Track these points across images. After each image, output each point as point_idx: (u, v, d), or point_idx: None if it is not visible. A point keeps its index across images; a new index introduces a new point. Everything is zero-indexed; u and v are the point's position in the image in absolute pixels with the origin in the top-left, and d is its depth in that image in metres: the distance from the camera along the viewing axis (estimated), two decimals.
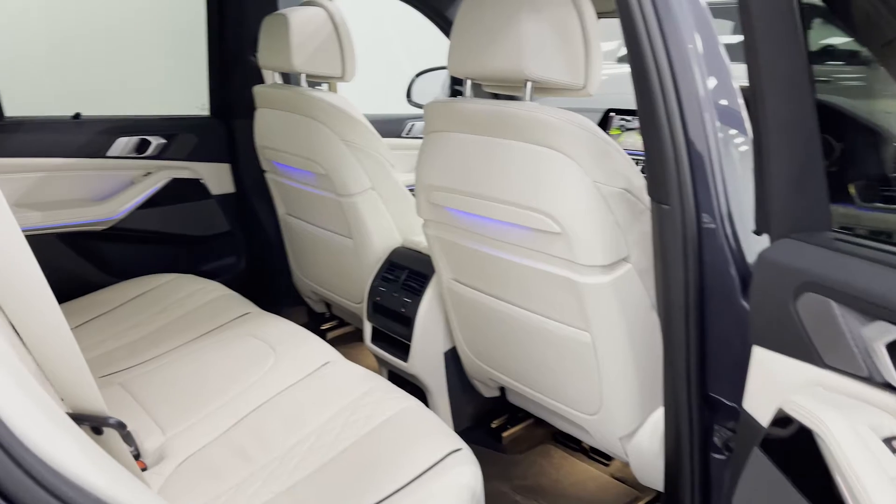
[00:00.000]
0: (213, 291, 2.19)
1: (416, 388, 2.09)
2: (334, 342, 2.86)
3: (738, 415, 1.23)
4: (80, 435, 0.77)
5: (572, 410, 1.67)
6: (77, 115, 2.33)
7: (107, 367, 1.84)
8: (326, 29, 2.13)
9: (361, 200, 2.11)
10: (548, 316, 1.57)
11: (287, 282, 2.69)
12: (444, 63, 3.16)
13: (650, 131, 1.22)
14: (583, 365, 1.55)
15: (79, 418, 0.85)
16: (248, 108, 2.37)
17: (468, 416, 2.10)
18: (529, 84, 1.43)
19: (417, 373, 2.01)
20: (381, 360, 2.16)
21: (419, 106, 3.14)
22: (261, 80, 2.50)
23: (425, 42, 3.26)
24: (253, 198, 2.64)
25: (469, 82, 1.58)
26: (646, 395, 1.53)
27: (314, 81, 2.32)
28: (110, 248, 2.41)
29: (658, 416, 1.54)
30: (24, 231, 2.18)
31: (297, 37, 2.08)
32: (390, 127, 3.03)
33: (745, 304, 1.21)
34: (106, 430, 0.91)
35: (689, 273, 1.25)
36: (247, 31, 2.41)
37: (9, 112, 2.23)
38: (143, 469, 1.43)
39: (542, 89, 1.48)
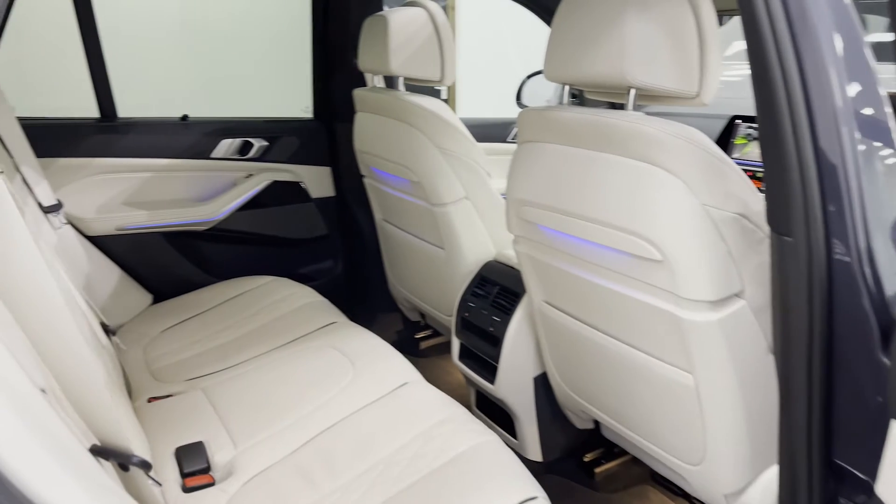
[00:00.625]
0: (304, 297, 2.17)
1: (503, 412, 1.97)
2: (428, 352, 2.79)
3: (870, 489, 1.02)
4: (91, 474, 0.71)
5: (671, 458, 1.49)
6: (185, 117, 2.37)
7: (195, 371, 1.85)
8: (427, 30, 2.04)
9: (454, 210, 2.01)
10: (646, 352, 1.40)
11: (383, 288, 2.64)
12: None
13: (771, 149, 1.03)
14: (685, 410, 1.37)
15: (105, 452, 0.80)
16: (350, 112, 2.33)
17: (559, 446, 1.95)
18: (633, 91, 1.27)
19: (504, 397, 1.88)
20: (469, 379, 2.05)
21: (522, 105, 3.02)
22: (363, 83, 2.46)
23: (541, 42, 3.11)
24: (352, 202, 2.60)
25: (566, 88, 1.44)
26: (757, 451, 1.33)
27: (414, 85, 2.24)
28: (211, 249, 2.45)
29: (771, 476, 1.34)
30: (130, 229, 2.25)
31: (395, 39, 2.00)
32: (494, 131, 2.91)
33: (885, 360, 1.00)
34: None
35: (815, 316, 1.05)
36: (350, 32, 2.37)
37: (122, 113, 2.30)
38: (211, 484, 1.40)
39: (650, 97, 1.31)
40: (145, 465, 0.80)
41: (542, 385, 1.89)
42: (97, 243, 2.23)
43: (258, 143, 2.45)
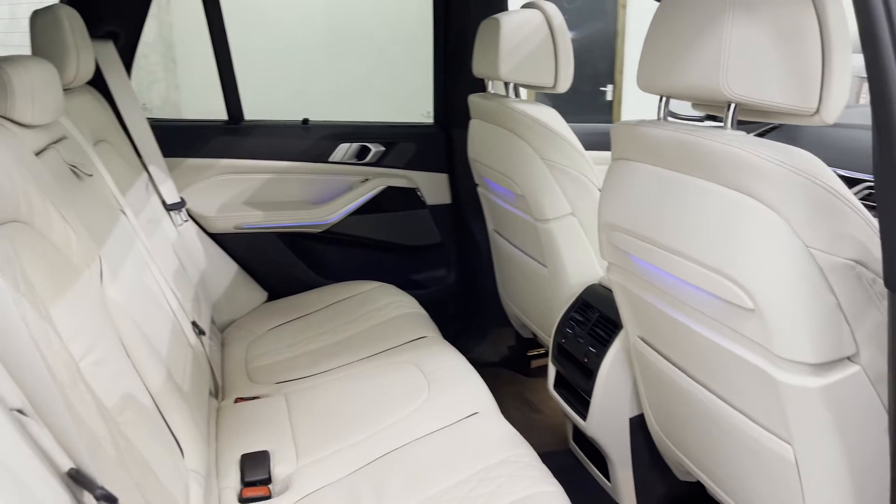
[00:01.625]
0: (404, 307, 2.12)
1: (599, 452, 1.80)
2: (539, 372, 2.65)
3: None
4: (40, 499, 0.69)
5: None
6: (306, 121, 2.42)
7: (285, 374, 1.86)
8: (541, 34, 1.91)
9: (558, 227, 1.86)
10: (740, 410, 1.19)
11: (496, 301, 2.54)
12: None
13: (889, 188, 0.81)
14: (783, 485, 1.15)
15: (80, 478, 0.77)
16: (468, 118, 2.26)
17: (657, 497, 1.74)
18: (733, 106, 1.08)
19: (596, 435, 1.71)
20: (563, 410, 1.90)
21: (675, 116, 2.76)
22: (484, 89, 2.37)
23: None
24: (468, 211, 2.52)
25: (664, 100, 1.26)
26: None
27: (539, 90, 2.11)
28: (324, 251, 2.48)
29: None
30: (248, 228, 2.32)
31: (506, 42, 1.89)
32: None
33: None
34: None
35: None
36: (470, 35, 2.28)
37: (248, 116, 2.39)
38: (266, 497, 1.39)
39: (757, 112, 1.11)
40: (108, 499, 0.77)
41: (640, 427, 1.70)
42: (217, 241, 2.34)
43: (375, 149, 2.45)
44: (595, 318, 1.77)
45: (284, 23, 2.97)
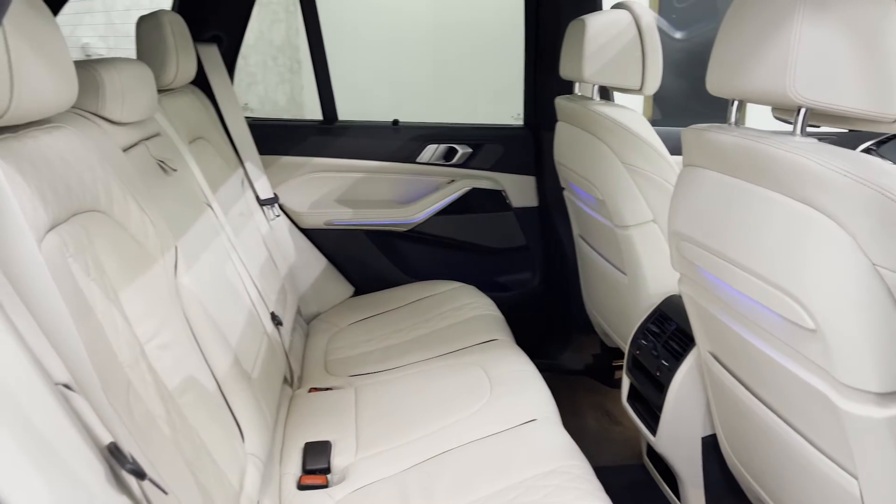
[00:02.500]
0: (480, 308, 2.13)
1: (671, 470, 1.72)
2: (621, 383, 2.56)
3: None
4: (75, 475, 0.74)
5: None
6: (396, 122, 2.47)
7: (359, 368, 1.92)
8: (628, 35, 1.85)
9: (638, 234, 1.80)
10: (806, 437, 1.10)
11: (581, 307, 2.49)
12: None
13: None
14: None
15: (116, 454, 0.83)
16: (556, 120, 2.23)
17: None
18: (803, 111, 1.00)
19: (665, 452, 1.64)
20: (636, 424, 1.83)
21: (786, 121, 2.59)
22: (573, 91, 2.33)
23: None
24: (555, 214, 2.48)
25: (735, 104, 1.19)
26: None
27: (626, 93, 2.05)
28: (409, 249, 2.52)
29: None
30: (338, 225, 2.40)
31: (592, 44, 1.85)
32: None
33: None
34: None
35: None
36: (560, 36, 2.24)
37: (342, 117, 2.47)
38: (323, 486, 1.43)
39: (834, 118, 1.03)
40: (137, 475, 0.82)
41: (714, 448, 1.61)
42: (308, 235, 2.43)
43: (462, 150, 2.46)
44: (671, 331, 1.69)
45: (378, 27, 3.04)
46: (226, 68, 2.20)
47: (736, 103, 1.19)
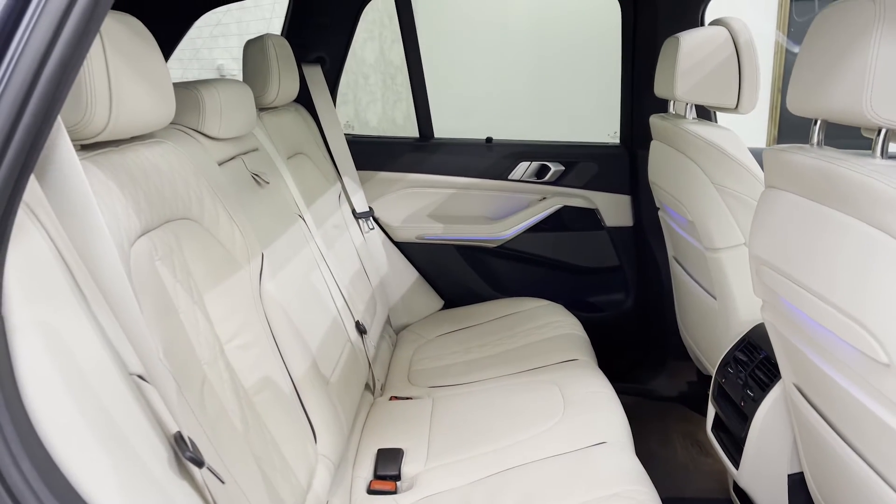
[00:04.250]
0: (564, 328, 2.11)
1: None
2: None
3: None
4: (144, 466, 0.81)
5: None
6: (489, 140, 2.50)
7: (439, 379, 1.95)
8: (725, 52, 1.80)
9: (728, 257, 1.73)
10: (889, 482, 1.03)
11: (676, 331, 2.41)
12: None
13: None
14: None
15: (180, 443, 0.90)
16: (650, 139, 2.18)
17: None
18: (884, 132, 0.95)
19: (749, 488, 1.56)
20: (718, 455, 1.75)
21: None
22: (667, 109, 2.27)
23: None
24: (650, 235, 2.42)
25: (818, 124, 1.13)
26: None
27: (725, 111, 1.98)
28: (498, 265, 2.54)
29: None
30: (429, 240, 2.47)
31: (685, 61, 1.81)
32: None
33: None
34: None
35: None
36: (657, 54, 2.20)
37: (438, 134, 2.53)
38: (392, 492, 1.47)
39: None
40: (196, 462, 0.88)
41: (801, 486, 1.51)
42: (401, 248, 2.50)
43: (554, 168, 2.45)
44: (758, 360, 1.61)
45: (476, 46, 3.09)
46: (328, 87, 2.32)
47: (819, 122, 1.13)
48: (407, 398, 1.88)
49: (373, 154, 2.47)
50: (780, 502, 1.54)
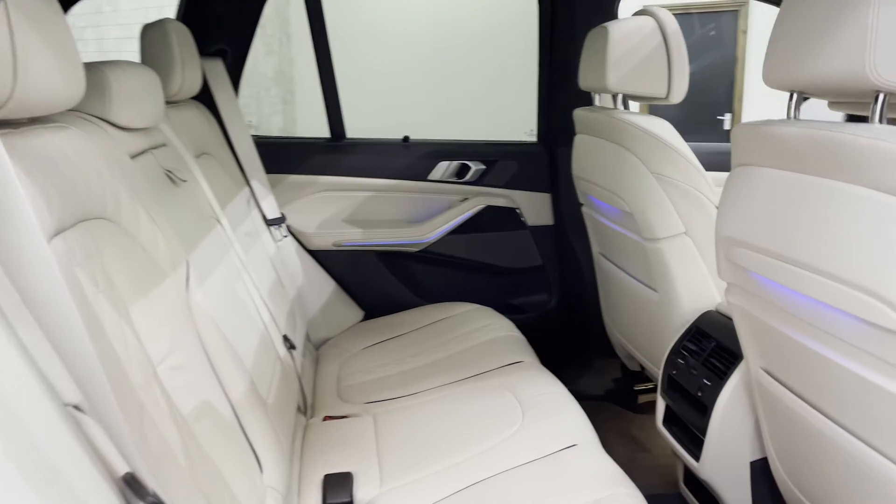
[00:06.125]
0: (500, 330, 2.02)
1: (713, 498, 1.61)
2: (646, 408, 2.46)
3: None
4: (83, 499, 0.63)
5: None
6: (406, 139, 2.39)
7: (375, 394, 1.80)
8: (653, 41, 1.79)
9: (669, 247, 1.71)
10: (890, 458, 1.00)
11: (601, 330, 2.38)
12: None
13: None
14: None
15: (135, 486, 0.72)
16: (572, 135, 2.15)
17: None
18: (882, 97, 0.92)
19: (710, 479, 1.53)
20: (673, 449, 1.72)
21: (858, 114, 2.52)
22: (590, 104, 2.25)
23: None
24: (571, 233, 2.39)
25: (795, 98, 1.11)
26: None
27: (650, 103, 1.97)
28: (421, 271, 2.42)
29: None
30: (347, 246, 2.30)
31: (615, 51, 1.78)
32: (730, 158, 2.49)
33: None
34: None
35: None
36: (576, 47, 2.18)
37: (350, 134, 2.38)
38: None
39: None
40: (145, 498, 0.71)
41: (763, 473, 1.50)
42: (316, 257, 2.33)
43: (475, 167, 2.38)
44: (711, 348, 1.59)
45: (387, 43, 2.98)
46: (231, 83, 2.12)
47: (795, 97, 1.11)
48: (343, 417, 1.72)
49: (282, 156, 2.29)
50: (743, 490, 1.52)
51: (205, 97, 2.04)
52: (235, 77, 2.17)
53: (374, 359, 2.01)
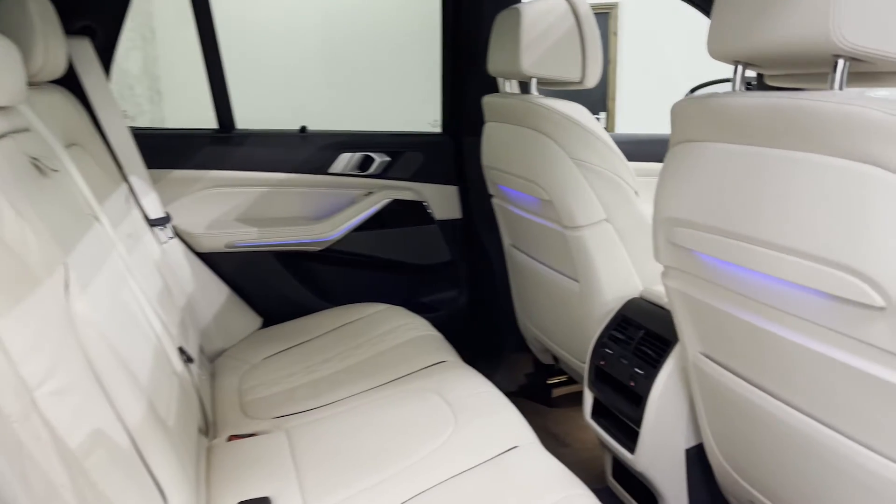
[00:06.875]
0: (416, 329, 1.91)
1: (646, 488, 1.57)
2: (560, 401, 2.42)
3: None
4: None
5: None
6: (303, 129, 2.22)
7: (285, 407, 1.63)
8: (566, 24, 1.74)
9: (591, 235, 1.66)
10: (853, 437, 0.98)
11: (512, 324, 2.32)
12: (726, 75, 2.60)
13: None
14: None
15: None
16: (480, 124, 2.06)
17: None
18: (842, 62, 0.89)
19: (646, 470, 1.49)
20: (603, 443, 1.67)
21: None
22: (496, 92, 2.18)
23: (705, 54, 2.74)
24: (480, 226, 2.32)
25: (739, 70, 1.07)
26: None
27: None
28: (324, 271, 2.26)
29: None
30: (241, 247, 2.08)
31: (528, 34, 1.72)
32: (649, 148, 2.52)
33: None
34: None
35: None
36: (482, 33, 2.10)
37: (240, 125, 2.18)
38: None
39: (871, 76, 0.92)
40: None
41: (698, 460, 1.48)
42: (206, 261, 2.11)
43: (379, 159, 2.25)
44: (640, 336, 1.55)
45: (276, 35, 2.79)
46: (102, 67, 1.87)
47: (741, 69, 1.07)
48: (250, 435, 1.54)
49: (163, 149, 2.05)
50: (679, 478, 1.49)
51: (70, 83, 1.79)
52: (106, 60, 1.91)
53: (279, 369, 1.84)
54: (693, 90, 2.84)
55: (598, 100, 7.49)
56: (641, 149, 2.45)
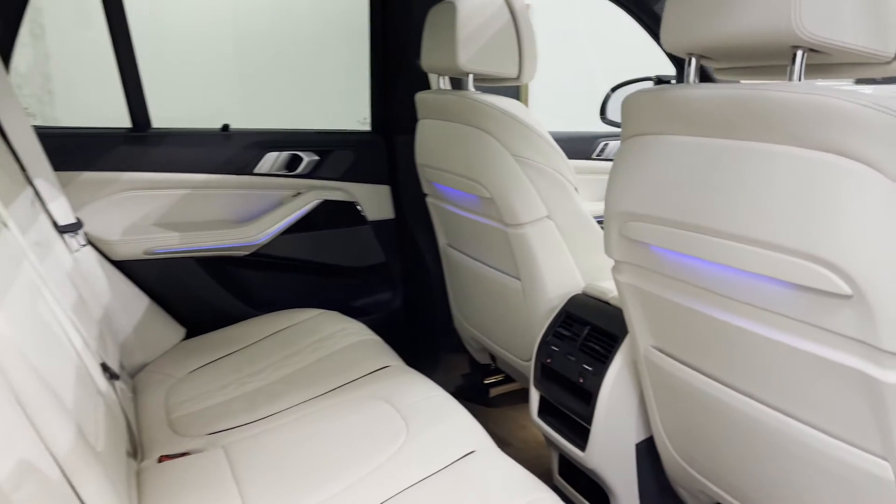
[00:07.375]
0: (355, 334, 1.84)
1: (595, 485, 1.57)
2: (499, 401, 2.41)
3: None
4: None
5: None
6: (225, 127, 2.11)
7: (219, 423, 1.53)
8: (501, 19, 1.72)
9: (533, 232, 1.65)
10: (812, 424, 0.99)
11: (448, 325, 2.28)
12: (647, 73, 2.65)
13: None
14: None
15: None
16: (411, 122, 2.02)
17: None
18: (801, 53, 0.89)
19: (597, 467, 1.48)
20: (550, 441, 1.66)
21: (616, 125, 2.63)
22: (428, 88, 2.14)
23: (625, 52, 2.80)
24: (414, 226, 2.27)
25: (693, 63, 1.07)
26: None
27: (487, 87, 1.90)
28: (252, 277, 2.15)
29: None
30: (160, 253, 1.94)
31: (464, 29, 1.68)
32: (577, 146, 2.54)
33: None
34: None
35: None
36: (413, 29, 2.06)
37: (156, 124, 2.05)
38: None
39: (830, 67, 0.94)
40: None
41: (648, 453, 1.48)
42: (123, 269, 1.96)
43: (308, 158, 2.16)
44: (586, 333, 1.55)
45: (188, 33, 2.65)
46: (1, 62, 1.70)
47: (695, 61, 1.07)
48: (183, 454, 1.43)
49: (72, 149, 1.90)
50: (629, 473, 1.49)
51: None
52: (5, 50, 1.75)
53: (208, 382, 1.73)
54: (614, 89, 2.89)
55: (512, 97, 7.59)
56: (570, 146, 2.47)
